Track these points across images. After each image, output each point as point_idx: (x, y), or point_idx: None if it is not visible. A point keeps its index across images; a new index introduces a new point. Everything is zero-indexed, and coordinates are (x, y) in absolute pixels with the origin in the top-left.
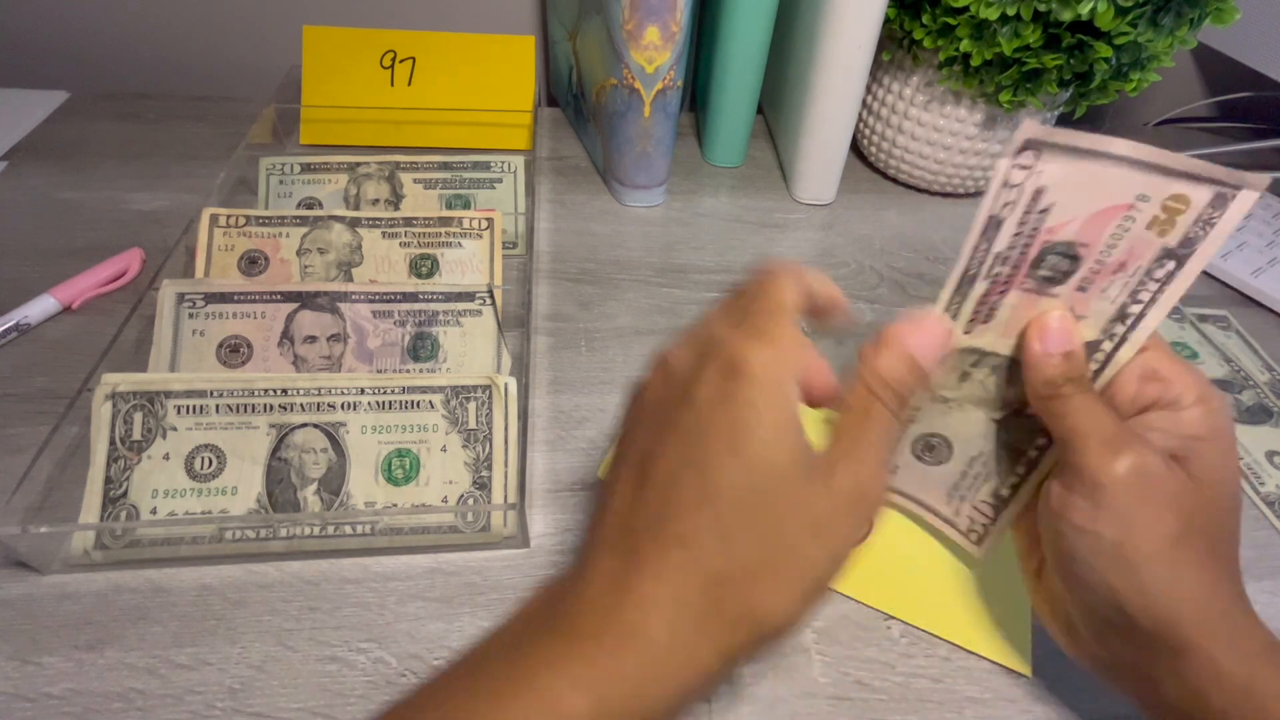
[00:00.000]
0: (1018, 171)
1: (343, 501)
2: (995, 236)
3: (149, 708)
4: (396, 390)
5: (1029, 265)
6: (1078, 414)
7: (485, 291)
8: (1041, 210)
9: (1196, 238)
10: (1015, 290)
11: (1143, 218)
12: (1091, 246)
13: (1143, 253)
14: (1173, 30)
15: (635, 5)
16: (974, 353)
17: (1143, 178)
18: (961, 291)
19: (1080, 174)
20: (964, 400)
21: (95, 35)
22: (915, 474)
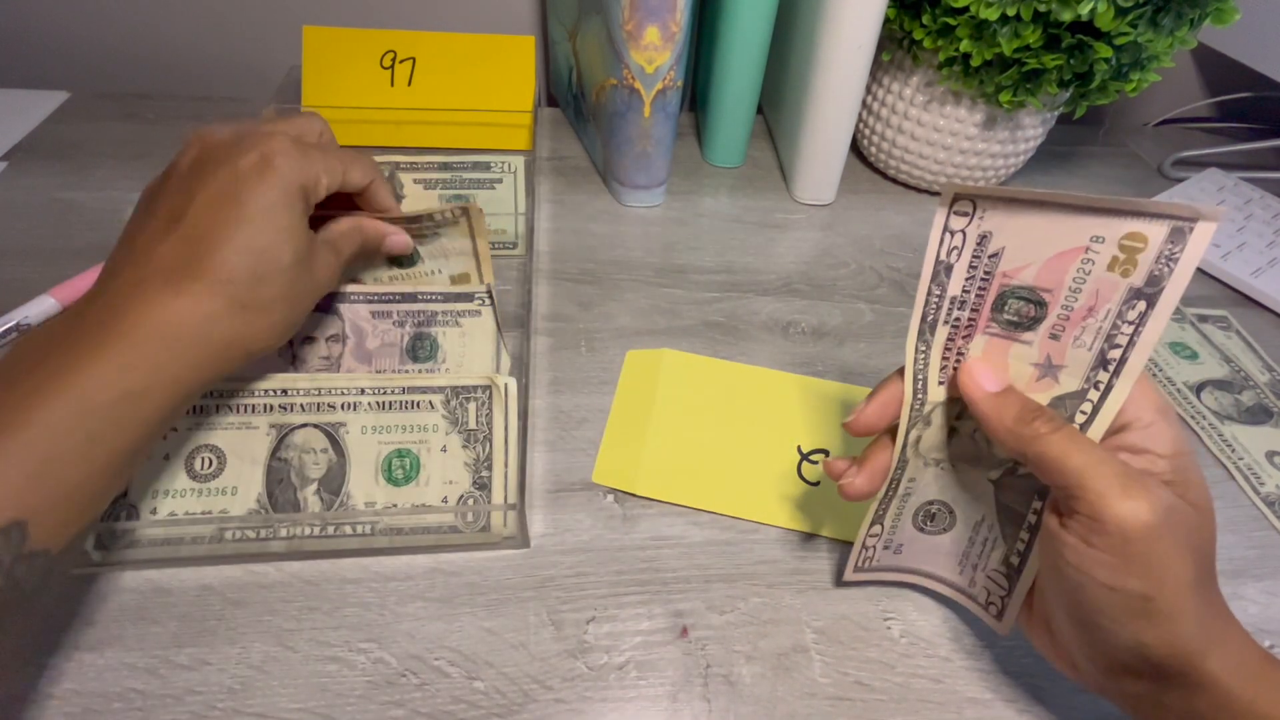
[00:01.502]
0: (956, 218)
1: (343, 502)
2: (947, 281)
3: (149, 708)
4: (396, 390)
5: (990, 308)
6: (1077, 455)
7: (484, 292)
8: (992, 255)
9: (1162, 275)
10: (981, 335)
11: (1101, 259)
12: (1055, 292)
13: (1110, 294)
14: (1173, 30)
15: (635, 5)
16: (956, 403)
17: (1091, 220)
18: (924, 339)
19: (1023, 222)
20: (957, 460)
21: (95, 35)
22: (922, 547)
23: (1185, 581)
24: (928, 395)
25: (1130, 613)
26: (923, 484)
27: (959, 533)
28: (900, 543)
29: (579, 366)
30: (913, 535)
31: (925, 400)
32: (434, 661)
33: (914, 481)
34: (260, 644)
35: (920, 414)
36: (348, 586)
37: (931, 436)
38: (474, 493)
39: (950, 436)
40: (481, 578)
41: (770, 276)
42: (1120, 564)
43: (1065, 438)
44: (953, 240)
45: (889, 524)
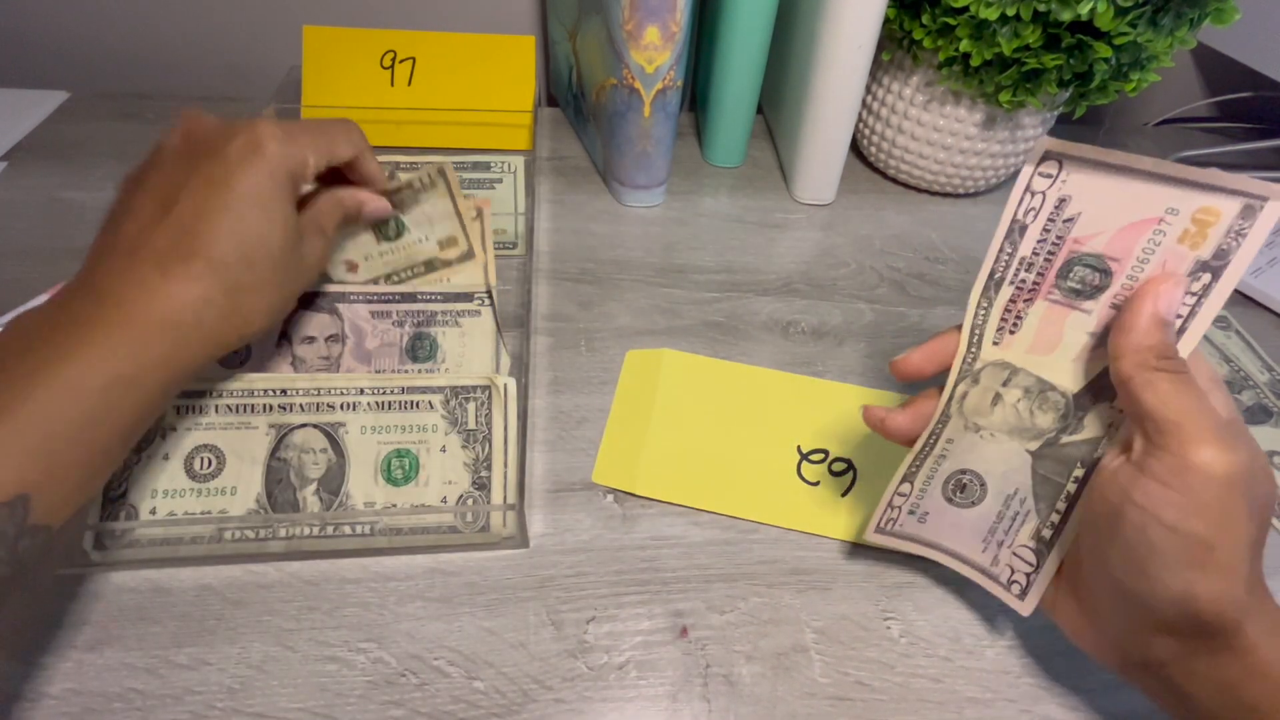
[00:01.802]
0: (1040, 179)
1: (342, 502)
2: (1019, 241)
3: (149, 708)
4: (396, 390)
5: (1055, 274)
6: (1187, 397)
7: (484, 292)
8: (1066, 220)
9: (1230, 249)
10: (1042, 300)
11: (1173, 231)
12: (1123, 261)
13: (1178, 266)
14: (1172, 30)
15: (635, 5)
16: (1004, 368)
17: (1170, 191)
18: (988, 295)
19: (1105, 187)
20: (996, 429)
21: (95, 35)
22: (946, 520)
23: (1247, 539)
24: (980, 351)
25: (1188, 559)
26: (960, 449)
27: (987, 507)
28: (927, 511)
29: (579, 366)
30: (940, 505)
31: (978, 356)
32: (434, 661)
33: (951, 443)
34: (260, 644)
35: (970, 369)
36: (347, 586)
37: (976, 398)
38: (473, 493)
39: (994, 403)
40: (481, 578)
41: (770, 276)
42: (1192, 506)
43: (1184, 379)
44: (1032, 200)
45: (919, 484)
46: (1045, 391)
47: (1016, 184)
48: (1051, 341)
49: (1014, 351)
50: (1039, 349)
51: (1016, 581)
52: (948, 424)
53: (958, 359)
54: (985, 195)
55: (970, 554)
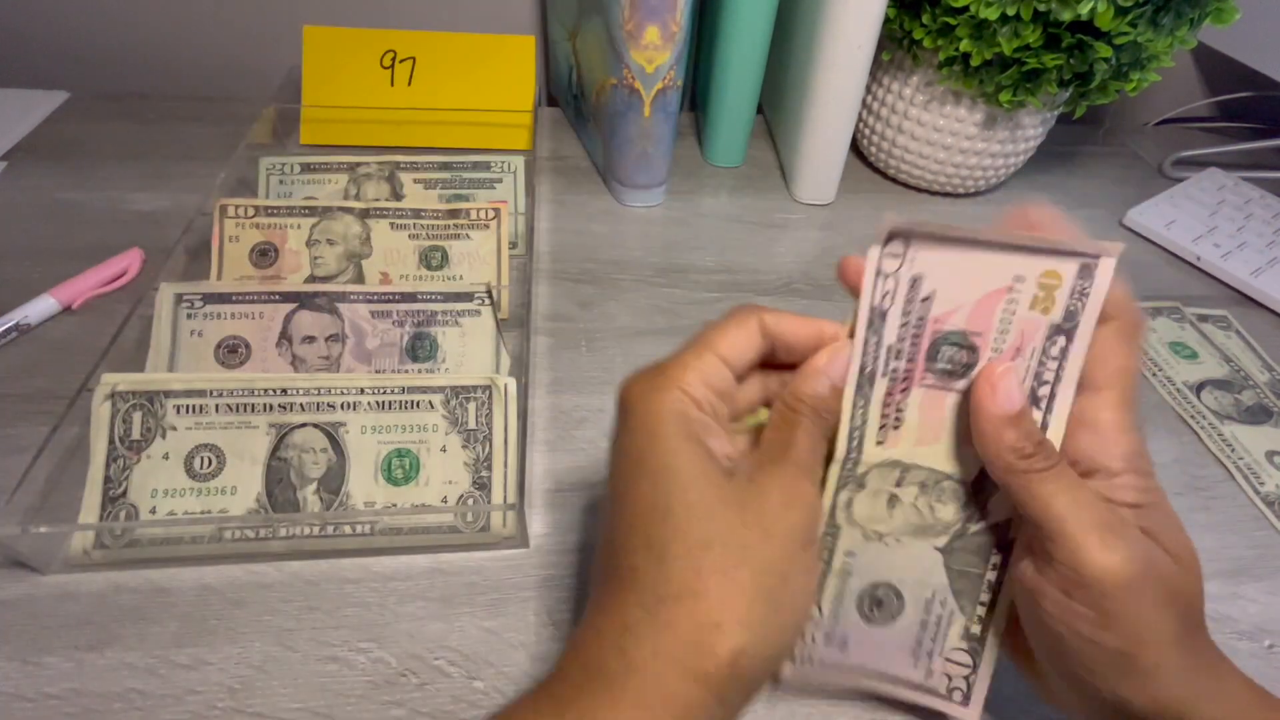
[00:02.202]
0: (889, 260)
1: (342, 501)
2: (882, 328)
3: (149, 708)
4: (396, 390)
5: (924, 358)
6: (1062, 499)
7: (484, 292)
8: (924, 299)
9: (1077, 310)
10: (917, 388)
11: (1024, 298)
12: (985, 334)
13: (1034, 333)
14: (1173, 30)
15: (635, 5)
16: (894, 467)
17: (1013, 258)
18: (864, 393)
19: (953, 261)
20: (900, 533)
21: (95, 35)
22: (870, 642)
23: (1167, 637)
24: (863, 455)
25: (1111, 668)
26: (865, 561)
27: (909, 617)
28: (844, 635)
29: (579, 366)
30: (859, 627)
31: (859, 460)
32: (434, 661)
33: (853, 557)
34: (260, 644)
35: (852, 474)
36: (348, 586)
37: (868, 504)
38: (474, 493)
39: (890, 506)
40: (481, 578)
41: (770, 276)
42: (1099, 618)
43: (1054, 476)
44: (885, 284)
45: (828, 607)
46: (940, 482)
47: (866, 270)
48: (936, 429)
49: (903, 447)
50: (926, 439)
51: (957, 689)
52: (839, 536)
53: (835, 464)
54: (985, 195)
55: (902, 672)
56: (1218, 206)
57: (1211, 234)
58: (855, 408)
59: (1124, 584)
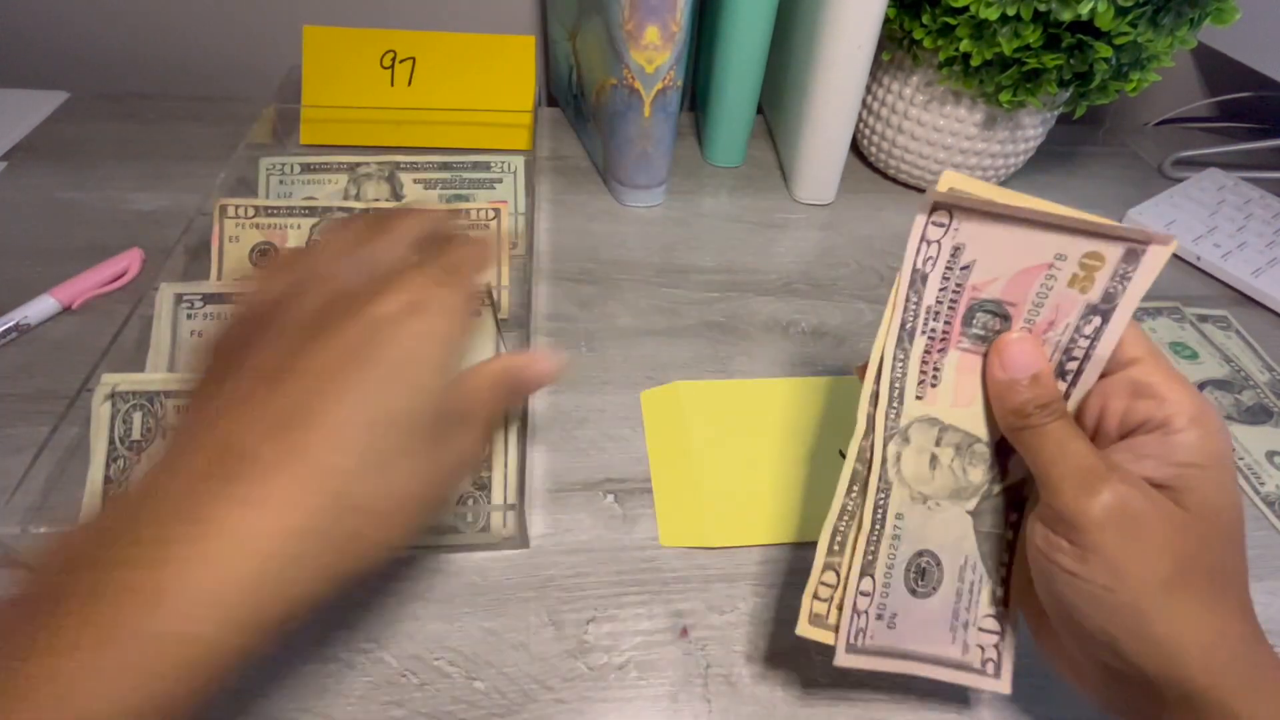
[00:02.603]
0: (934, 228)
1: None
2: (923, 289)
3: None
4: None
5: (960, 322)
6: (1050, 447)
7: (483, 292)
8: (964, 267)
9: (1116, 292)
10: (953, 349)
11: (1063, 275)
12: (1020, 305)
13: (1069, 310)
14: (1173, 30)
15: (635, 5)
16: (933, 424)
17: (1056, 238)
18: (903, 346)
19: (996, 235)
20: (940, 496)
21: (95, 35)
22: (915, 618)
23: (1152, 577)
24: (904, 407)
25: (1093, 601)
26: (911, 527)
27: (947, 588)
28: (895, 612)
29: (579, 366)
30: (905, 601)
31: (901, 412)
32: (434, 661)
33: (902, 519)
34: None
35: (896, 426)
36: (348, 586)
37: (913, 461)
38: (474, 493)
39: (933, 467)
40: (482, 578)
41: (770, 276)
42: (1077, 552)
43: (1050, 431)
44: (929, 250)
45: (880, 577)
46: (972, 445)
47: (911, 234)
48: (970, 392)
49: (939, 406)
50: (960, 401)
51: (989, 659)
52: (890, 494)
53: (880, 416)
54: None
55: (944, 652)
56: (1218, 206)
57: (1211, 234)
58: (895, 360)
59: (1098, 524)
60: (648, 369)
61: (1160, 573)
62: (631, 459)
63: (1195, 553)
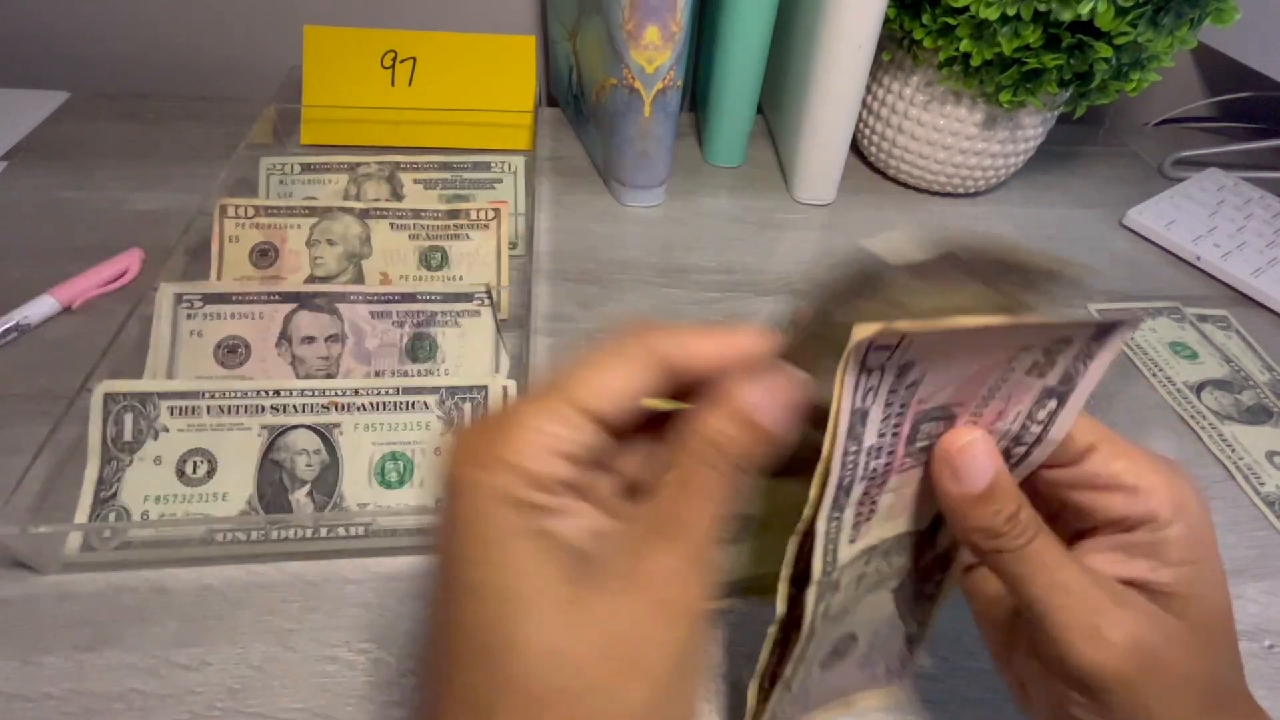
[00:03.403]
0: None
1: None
2: (863, 432)
3: (149, 708)
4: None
5: (904, 444)
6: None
7: (483, 292)
8: (910, 385)
9: (1075, 373)
10: (894, 476)
11: (1022, 365)
12: (966, 405)
13: (1023, 397)
14: (1173, 30)
15: (635, 5)
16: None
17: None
18: (839, 505)
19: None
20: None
21: (95, 35)
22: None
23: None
24: (837, 562)
25: None
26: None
27: (860, 651)
28: (805, 688)
29: None
30: (818, 677)
31: (835, 566)
32: None
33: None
34: (260, 644)
35: (829, 583)
36: (348, 587)
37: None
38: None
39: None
40: None
41: (770, 276)
42: (1095, 706)
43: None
44: (869, 381)
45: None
46: (900, 538)
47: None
48: (904, 505)
49: (873, 534)
50: (894, 515)
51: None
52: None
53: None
54: (985, 195)
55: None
56: (1218, 206)
57: (1211, 234)
58: (830, 523)
59: (1115, 679)
60: None
61: (1189, 709)
62: None
63: (1212, 673)
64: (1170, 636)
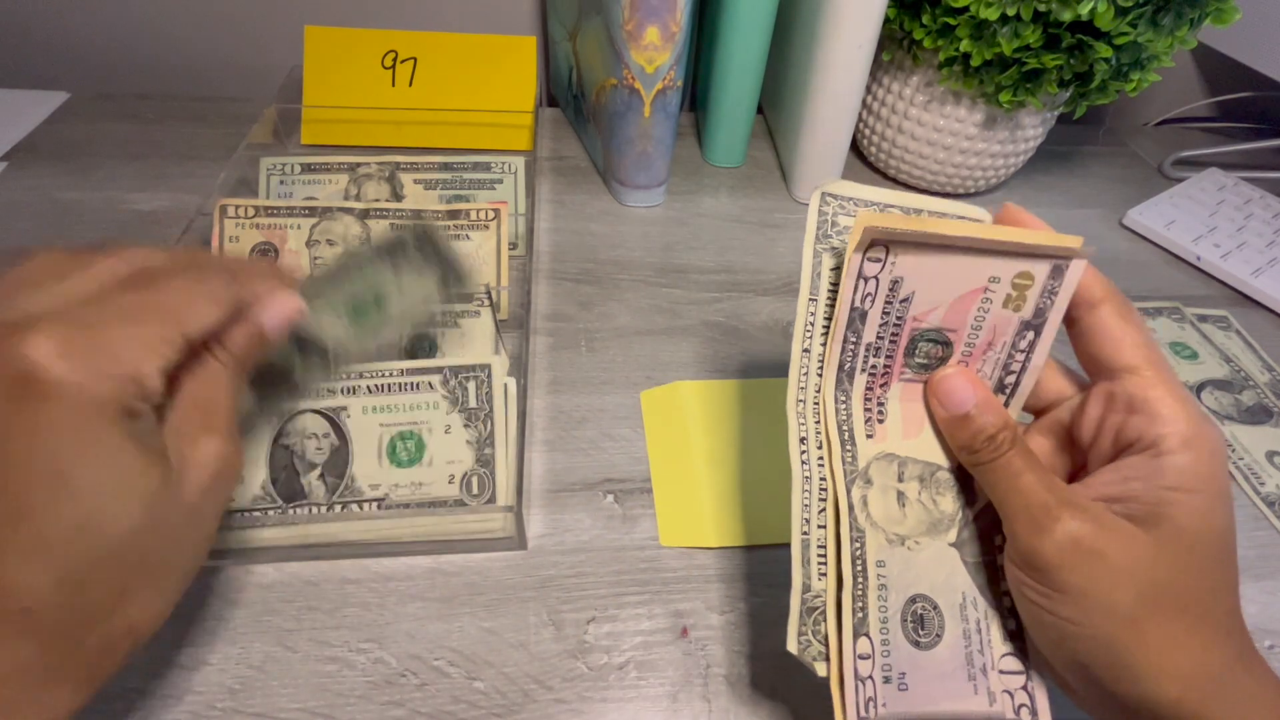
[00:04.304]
0: (870, 264)
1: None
2: (862, 328)
3: (149, 708)
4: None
5: (903, 354)
6: (1003, 483)
7: (484, 292)
8: (903, 299)
9: (1045, 307)
10: (896, 382)
11: (998, 298)
12: (960, 331)
13: (1005, 329)
14: (1173, 30)
15: (635, 5)
16: (891, 459)
17: (989, 261)
18: (844, 389)
19: (932, 265)
20: (917, 534)
21: (95, 35)
22: (925, 673)
23: (1119, 610)
24: (858, 448)
25: (1064, 635)
26: (895, 572)
27: (952, 633)
28: (901, 671)
29: (579, 366)
30: (910, 656)
31: (857, 454)
32: (434, 661)
33: (883, 567)
34: (260, 644)
35: (855, 468)
36: (348, 586)
37: (880, 501)
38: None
39: (901, 505)
40: (481, 578)
41: (770, 276)
42: (1043, 588)
43: (1002, 465)
44: (866, 287)
45: (876, 635)
46: (935, 474)
47: (845, 272)
48: (918, 422)
49: (891, 440)
50: (910, 432)
51: (1023, 705)
52: (865, 541)
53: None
54: (985, 195)
55: (969, 707)
56: (1218, 206)
57: (1211, 234)
58: (837, 403)
59: (1054, 563)
60: (648, 369)
61: (1124, 603)
62: (631, 459)
63: (1166, 579)
64: (1117, 539)
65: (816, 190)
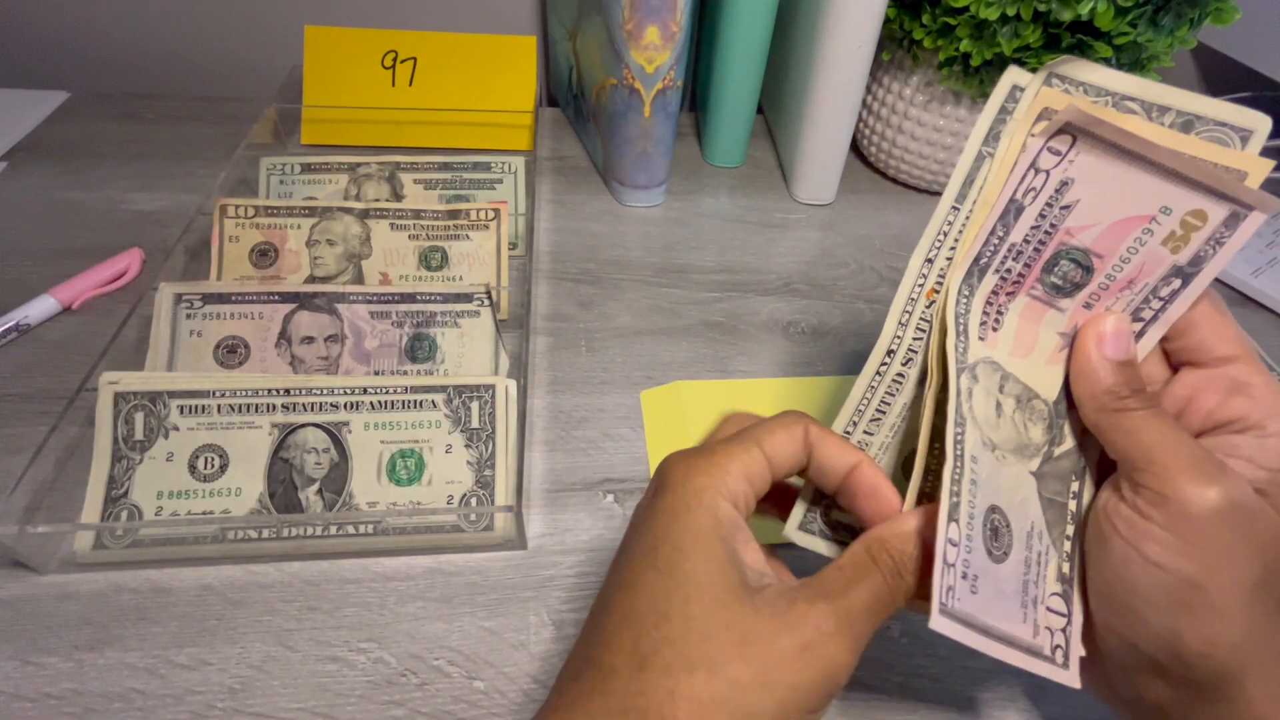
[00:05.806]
0: (1048, 156)
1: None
2: (1013, 224)
3: (149, 708)
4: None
5: (1041, 268)
6: (1155, 431)
7: (483, 293)
8: (1064, 206)
9: (1205, 256)
10: (1023, 295)
11: (1160, 231)
12: (1106, 258)
13: (1153, 269)
14: (1173, 30)
15: (635, 5)
16: (995, 369)
17: (1169, 188)
18: (969, 282)
19: (1110, 174)
20: (1005, 448)
21: (95, 35)
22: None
23: (1244, 581)
24: (969, 344)
25: (1173, 599)
26: (985, 473)
27: (1016, 555)
28: (975, 573)
29: (579, 366)
30: (984, 562)
31: (968, 349)
32: (434, 661)
33: (977, 464)
34: (260, 644)
35: (965, 360)
36: (348, 586)
37: (981, 401)
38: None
39: (998, 413)
40: (482, 578)
41: (770, 276)
42: (1175, 543)
43: (1148, 416)
44: (1034, 179)
45: (964, 526)
46: (1031, 400)
47: (1020, 158)
48: (1029, 343)
49: (999, 352)
50: (1019, 351)
51: (1058, 646)
52: (966, 431)
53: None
54: None
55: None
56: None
57: None
58: (959, 295)
59: (1209, 513)
60: (648, 369)
61: (1253, 574)
62: (631, 459)
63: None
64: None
65: (1042, 71)
